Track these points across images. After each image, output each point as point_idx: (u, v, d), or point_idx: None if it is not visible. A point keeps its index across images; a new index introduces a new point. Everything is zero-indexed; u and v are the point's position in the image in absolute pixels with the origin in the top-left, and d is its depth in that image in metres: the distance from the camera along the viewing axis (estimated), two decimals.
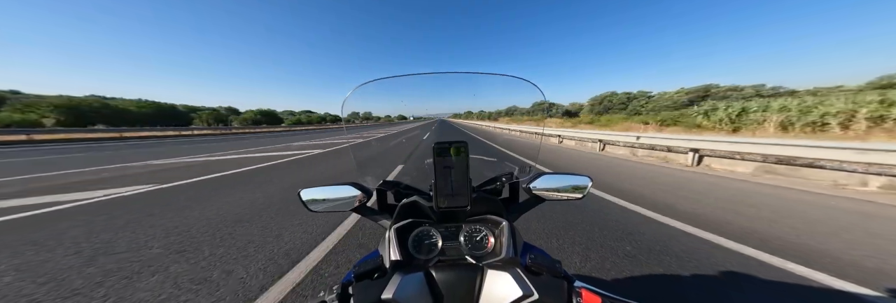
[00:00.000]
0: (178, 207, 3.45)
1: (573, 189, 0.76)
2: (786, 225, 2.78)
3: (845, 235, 2.55)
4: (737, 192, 4.11)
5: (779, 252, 2.20)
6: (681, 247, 2.31)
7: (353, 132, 18.12)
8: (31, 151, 10.77)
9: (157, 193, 4.23)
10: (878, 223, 2.82)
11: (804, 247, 2.31)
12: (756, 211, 3.21)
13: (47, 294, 1.75)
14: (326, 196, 0.72)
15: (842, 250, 2.24)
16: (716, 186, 4.52)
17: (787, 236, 2.54)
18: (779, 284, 1.82)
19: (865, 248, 2.29)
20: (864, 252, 2.21)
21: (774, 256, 2.15)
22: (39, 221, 3.06)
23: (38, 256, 2.24)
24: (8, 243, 2.49)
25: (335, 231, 2.65)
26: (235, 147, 11.68)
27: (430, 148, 0.62)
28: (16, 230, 2.80)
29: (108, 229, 2.78)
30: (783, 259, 2.09)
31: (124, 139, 18.24)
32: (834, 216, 3.04)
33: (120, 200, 3.80)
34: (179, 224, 2.90)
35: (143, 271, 2.00)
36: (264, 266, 2.04)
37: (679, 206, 3.43)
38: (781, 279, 1.86)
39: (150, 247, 2.38)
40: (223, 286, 1.80)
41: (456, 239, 0.66)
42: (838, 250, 2.25)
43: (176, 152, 9.90)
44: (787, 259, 2.09)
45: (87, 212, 3.34)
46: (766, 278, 1.87)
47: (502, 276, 0.54)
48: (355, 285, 0.53)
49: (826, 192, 4.01)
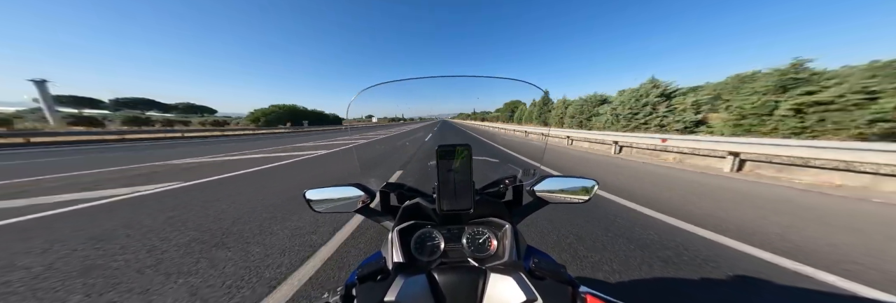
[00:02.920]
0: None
1: (578, 192, 0.73)
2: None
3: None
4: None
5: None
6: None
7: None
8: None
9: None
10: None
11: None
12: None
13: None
14: (331, 197, 0.73)
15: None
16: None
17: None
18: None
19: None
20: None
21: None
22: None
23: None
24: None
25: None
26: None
27: (432, 151, 0.62)
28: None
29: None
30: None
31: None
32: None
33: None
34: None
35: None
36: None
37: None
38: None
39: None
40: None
41: (458, 241, 0.66)
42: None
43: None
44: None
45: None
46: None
47: (505, 280, 0.53)
48: (358, 287, 0.53)
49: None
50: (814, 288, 1.72)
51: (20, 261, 2.03)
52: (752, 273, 1.85)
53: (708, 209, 3.20)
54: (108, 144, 13.81)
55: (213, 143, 14.30)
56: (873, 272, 1.88)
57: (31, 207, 3.30)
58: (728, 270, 1.88)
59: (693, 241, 2.36)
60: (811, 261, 2.01)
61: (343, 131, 26.96)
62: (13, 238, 2.44)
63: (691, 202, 3.49)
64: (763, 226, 2.69)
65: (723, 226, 2.67)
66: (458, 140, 0.67)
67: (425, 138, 5.37)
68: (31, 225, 2.76)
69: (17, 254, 2.14)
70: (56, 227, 2.70)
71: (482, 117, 41.06)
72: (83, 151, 10.35)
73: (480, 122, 37.59)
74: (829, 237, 2.44)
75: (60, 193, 3.89)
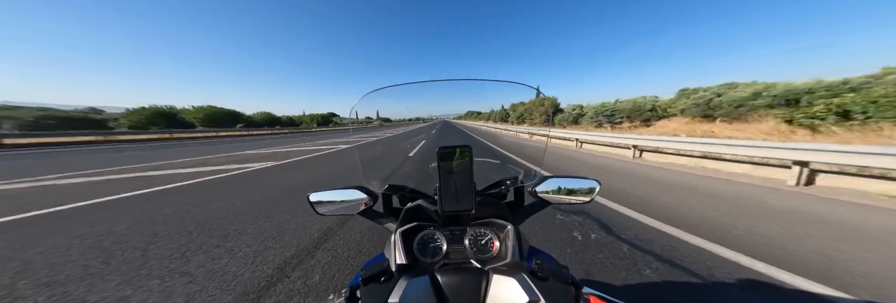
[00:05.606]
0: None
1: (580, 193, 0.74)
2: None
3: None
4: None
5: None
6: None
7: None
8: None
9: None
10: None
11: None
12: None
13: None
14: (334, 199, 0.74)
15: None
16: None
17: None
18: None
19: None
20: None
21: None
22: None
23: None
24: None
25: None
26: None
27: (432, 151, 0.63)
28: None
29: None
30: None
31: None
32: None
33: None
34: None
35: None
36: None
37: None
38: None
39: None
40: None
41: (461, 243, 0.66)
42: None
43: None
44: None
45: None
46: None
47: (508, 281, 0.53)
48: (363, 289, 0.54)
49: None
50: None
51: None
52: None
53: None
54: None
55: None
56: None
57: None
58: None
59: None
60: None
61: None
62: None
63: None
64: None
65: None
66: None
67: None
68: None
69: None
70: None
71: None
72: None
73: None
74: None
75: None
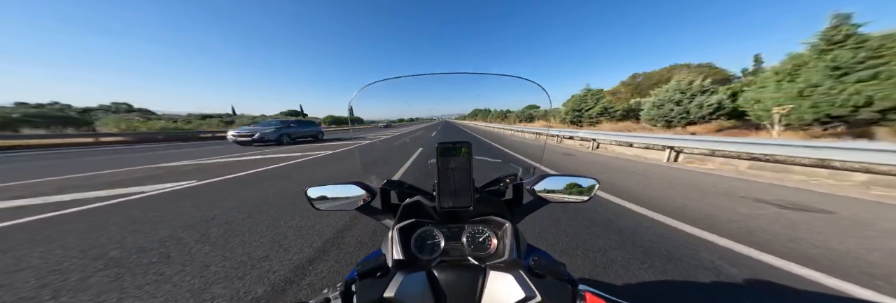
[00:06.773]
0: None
1: (579, 191, 0.74)
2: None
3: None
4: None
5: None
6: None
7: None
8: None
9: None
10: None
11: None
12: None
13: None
14: (332, 195, 0.74)
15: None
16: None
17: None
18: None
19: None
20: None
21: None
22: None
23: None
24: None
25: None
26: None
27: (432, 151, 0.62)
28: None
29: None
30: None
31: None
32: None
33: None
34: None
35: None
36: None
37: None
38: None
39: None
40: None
41: (458, 239, 0.66)
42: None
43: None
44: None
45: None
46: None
47: (505, 277, 0.53)
48: (358, 284, 0.54)
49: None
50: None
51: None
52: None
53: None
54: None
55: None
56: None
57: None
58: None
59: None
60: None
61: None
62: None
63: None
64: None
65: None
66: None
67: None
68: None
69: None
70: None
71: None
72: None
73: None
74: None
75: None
